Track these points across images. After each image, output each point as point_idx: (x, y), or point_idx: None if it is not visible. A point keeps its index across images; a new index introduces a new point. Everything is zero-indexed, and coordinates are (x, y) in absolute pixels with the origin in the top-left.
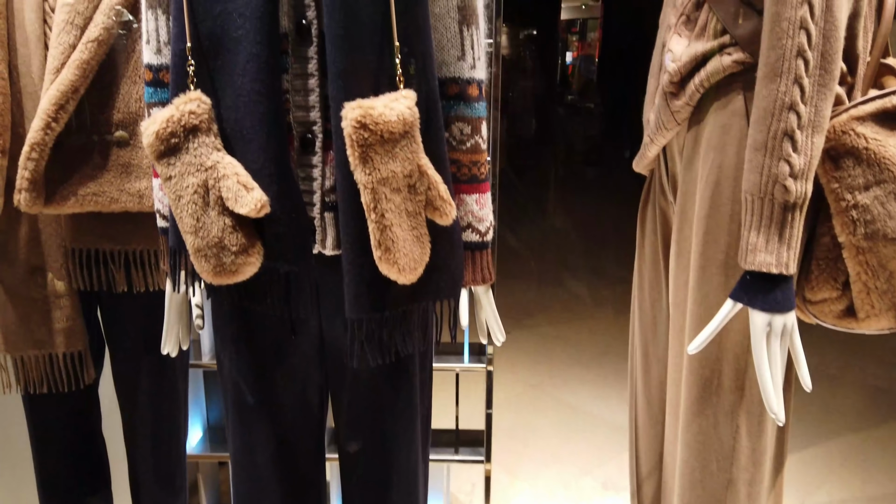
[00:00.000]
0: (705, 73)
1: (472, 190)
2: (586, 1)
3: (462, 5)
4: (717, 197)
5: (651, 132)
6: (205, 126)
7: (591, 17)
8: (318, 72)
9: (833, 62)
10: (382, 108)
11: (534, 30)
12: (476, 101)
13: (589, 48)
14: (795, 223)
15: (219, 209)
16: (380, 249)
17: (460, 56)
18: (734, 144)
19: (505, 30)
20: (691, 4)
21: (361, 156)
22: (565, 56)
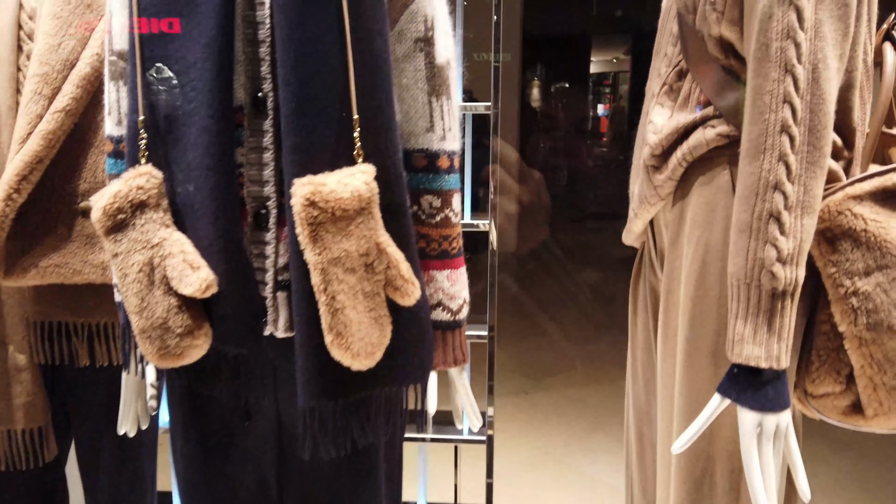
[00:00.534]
0: (688, 146)
1: (443, 266)
2: (617, 55)
3: (431, 75)
4: (703, 278)
5: (635, 206)
6: (153, 201)
7: (621, 70)
8: (273, 145)
9: (823, 138)
10: (335, 185)
11: (565, 83)
12: (447, 173)
13: (620, 100)
14: (786, 312)
15: (164, 289)
16: (331, 333)
17: (429, 127)
18: (721, 222)
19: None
20: (674, 74)
21: (311, 234)
22: (596, 108)
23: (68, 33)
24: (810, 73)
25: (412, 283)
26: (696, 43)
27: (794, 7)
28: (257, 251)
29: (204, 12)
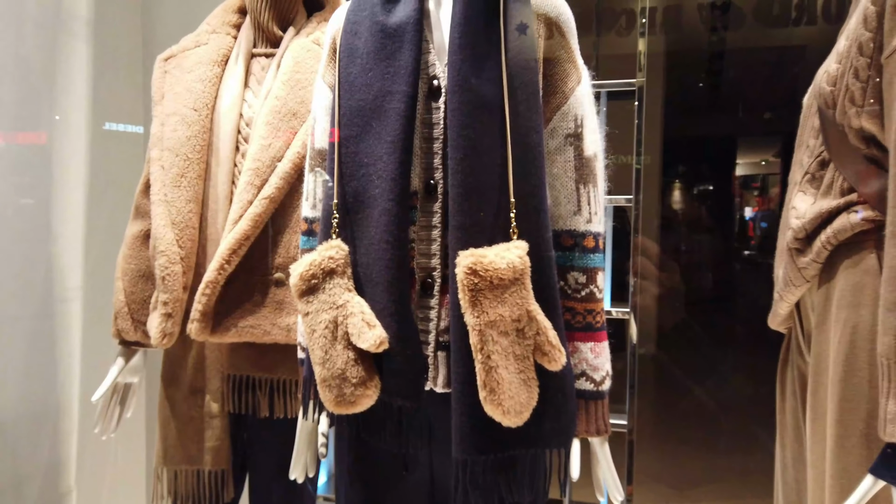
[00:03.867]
0: (832, 230)
1: (587, 338)
2: (766, 157)
3: (579, 166)
4: (852, 360)
5: (780, 288)
6: (340, 269)
7: (770, 172)
8: (440, 224)
9: None
10: (493, 257)
11: (709, 185)
12: (592, 252)
13: (769, 203)
14: None
15: (344, 343)
16: (485, 390)
17: (576, 211)
18: (869, 304)
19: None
20: (816, 163)
21: (471, 299)
22: (743, 211)
23: (277, 136)
24: None
25: (559, 349)
26: (837, 135)
27: None
28: (422, 315)
29: (391, 116)
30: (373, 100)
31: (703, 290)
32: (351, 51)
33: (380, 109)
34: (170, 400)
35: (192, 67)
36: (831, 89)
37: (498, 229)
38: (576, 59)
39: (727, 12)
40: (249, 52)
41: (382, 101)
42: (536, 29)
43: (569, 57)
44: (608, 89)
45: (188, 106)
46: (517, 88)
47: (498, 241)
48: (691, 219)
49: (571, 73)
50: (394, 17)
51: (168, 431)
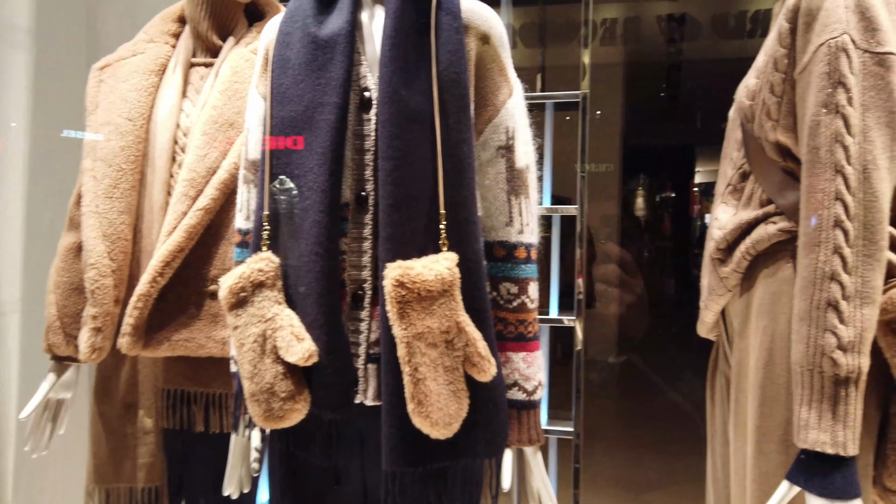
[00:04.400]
0: (751, 240)
1: (519, 348)
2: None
3: (511, 177)
4: (770, 367)
5: (705, 297)
6: (270, 282)
7: None
8: (371, 236)
9: (878, 232)
10: (421, 269)
11: (669, 192)
12: (524, 263)
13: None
14: (851, 400)
15: (273, 357)
16: (413, 402)
17: (508, 222)
18: (786, 313)
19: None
20: (738, 175)
21: (399, 311)
22: (703, 217)
23: (213, 146)
24: (860, 172)
25: (489, 360)
26: (756, 147)
27: (841, 115)
28: (353, 327)
29: (322, 127)
30: (304, 111)
31: (664, 295)
32: (283, 61)
33: (311, 121)
34: (102, 416)
35: (127, 77)
36: (750, 103)
37: (428, 241)
38: (507, 72)
39: (683, 24)
40: (188, 61)
41: (314, 113)
42: (467, 42)
43: (500, 70)
44: (553, 101)
45: (123, 115)
46: (447, 101)
47: (428, 252)
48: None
49: (502, 86)
50: (326, 28)
51: (100, 448)
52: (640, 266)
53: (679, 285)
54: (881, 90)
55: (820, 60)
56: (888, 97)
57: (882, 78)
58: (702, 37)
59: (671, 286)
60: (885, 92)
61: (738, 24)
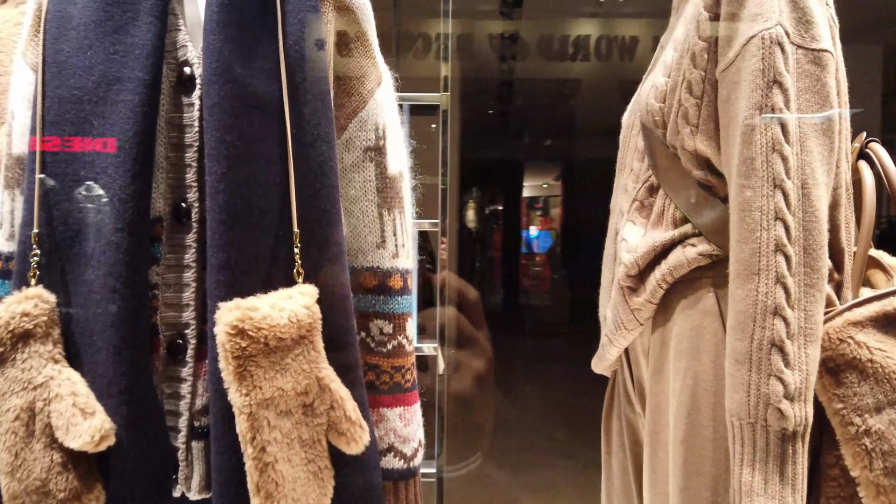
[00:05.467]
0: (667, 266)
1: (395, 402)
2: (547, 181)
3: (382, 187)
4: (694, 416)
5: (609, 331)
6: (41, 331)
7: (551, 195)
8: (196, 263)
9: (819, 258)
10: (268, 310)
11: (500, 206)
12: (399, 295)
13: (551, 223)
14: (798, 457)
15: (45, 441)
16: (259, 495)
17: (380, 243)
18: (709, 351)
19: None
20: (644, 189)
21: (238, 370)
22: (529, 230)
23: None
24: (800, 188)
25: (360, 426)
26: (667, 157)
27: (778, 120)
28: (170, 391)
29: (121, 112)
30: (94, 89)
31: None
32: (62, 20)
33: (104, 102)
34: None
35: None
36: (660, 105)
37: (276, 269)
38: (374, 56)
39: (516, 42)
40: None
41: (108, 92)
42: (324, 12)
43: (366, 51)
44: (410, 102)
45: None
46: (300, 84)
47: (276, 285)
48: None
49: (370, 72)
50: None
51: None
52: (473, 279)
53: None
54: (817, 93)
55: (752, 55)
56: (824, 101)
57: (818, 79)
58: (530, 58)
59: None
60: (821, 95)
61: (562, 47)
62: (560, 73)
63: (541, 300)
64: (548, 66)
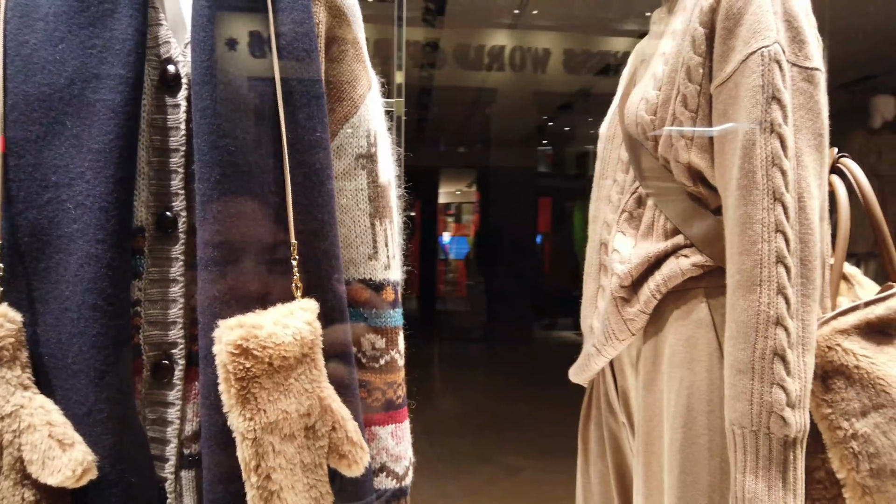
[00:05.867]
0: (661, 276)
1: (388, 420)
2: (461, 188)
3: (374, 196)
4: (690, 426)
5: (598, 342)
6: (7, 355)
7: (466, 201)
8: (183, 277)
9: (814, 269)
10: (272, 327)
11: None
12: (391, 308)
13: (464, 229)
14: (798, 463)
15: (15, 478)
16: None
17: (372, 254)
18: (703, 360)
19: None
20: (632, 200)
21: (241, 393)
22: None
23: None
24: (797, 202)
25: (361, 447)
26: (657, 170)
27: (777, 135)
28: (154, 416)
29: (100, 112)
30: (67, 86)
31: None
32: (26, 8)
33: (79, 101)
34: None
35: None
36: (651, 118)
37: (274, 283)
38: (365, 59)
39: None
40: None
41: (83, 90)
42: (316, 13)
43: (357, 55)
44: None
45: None
46: (295, 88)
47: (274, 300)
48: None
49: (361, 76)
50: None
51: None
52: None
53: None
54: (810, 110)
55: (752, 72)
56: (816, 118)
57: (811, 96)
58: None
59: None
60: (814, 112)
61: (477, 56)
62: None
63: (457, 306)
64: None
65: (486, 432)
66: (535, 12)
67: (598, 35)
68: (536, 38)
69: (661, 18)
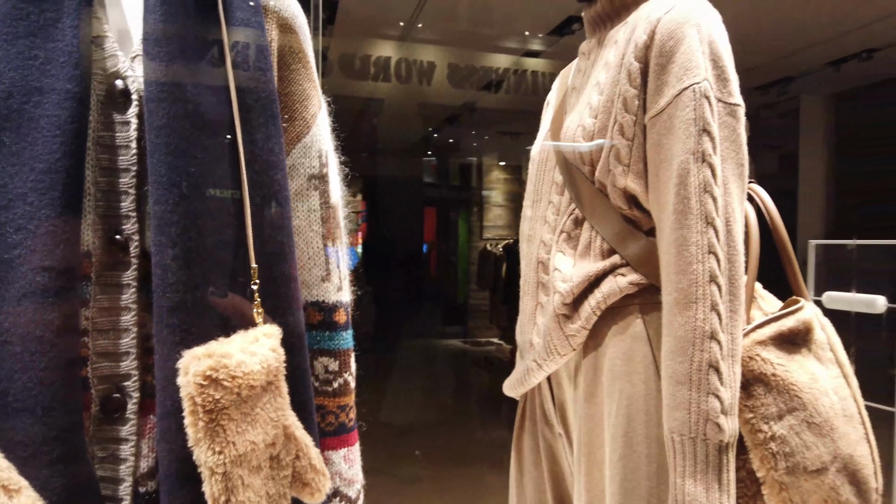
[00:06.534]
0: (601, 294)
1: (340, 444)
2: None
3: (326, 217)
4: (630, 435)
5: (539, 357)
6: None
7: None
8: (136, 305)
9: (740, 287)
10: (241, 355)
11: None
12: (344, 330)
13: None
14: (731, 465)
15: None
16: None
17: (325, 276)
18: (641, 373)
19: None
20: (570, 221)
21: (209, 426)
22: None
23: None
24: (725, 225)
25: (324, 474)
26: (592, 193)
27: (708, 164)
28: (104, 454)
29: (43, 129)
30: (4, 99)
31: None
32: None
33: (18, 116)
34: None
35: None
36: (589, 145)
37: (235, 309)
38: (315, 78)
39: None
40: None
41: (24, 104)
42: (269, 31)
43: (308, 74)
44: None
45: None
46: (251, 106)
47: (236, 327)
48: None
49: (312, 95)
50: None
51: None
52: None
53: None
54: (733, 142)
55: (685, 105)
56: (738, 149)
57: (734, 129)
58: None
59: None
60: (737, 144)
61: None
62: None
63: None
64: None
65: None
66: (420, 25)
67: (481, 51)
68: (422, 50)
69: (590, 49)
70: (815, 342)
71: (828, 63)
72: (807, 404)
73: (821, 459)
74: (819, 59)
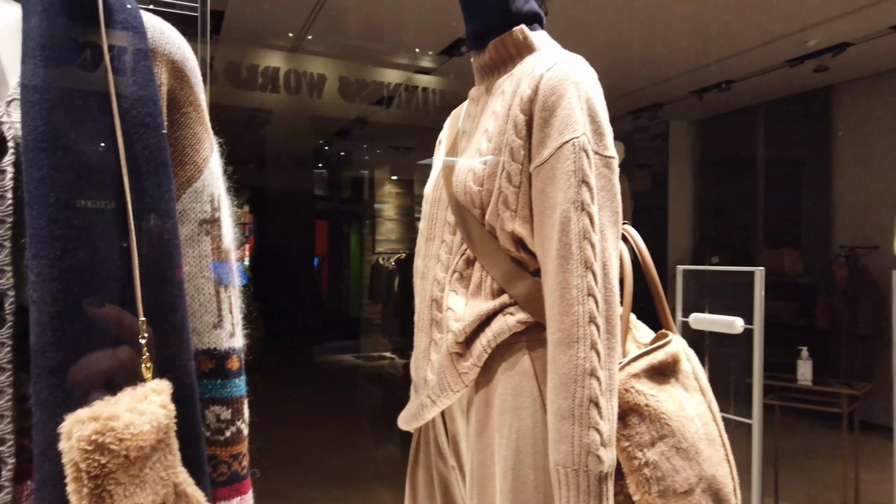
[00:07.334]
0: (492, 332)
1: (233, 493)
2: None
3: (218, 262)
4: (519, 467)
5: (433, 393)
6: None
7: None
8: (11, 365)
9: (616, 326)
10: (129, 416)
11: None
12: (237, 377)
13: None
14: (610, 493)
15: None
16: None
17: (217, 322)
18: (528, 407)
19: None
20: (462, 261)
21: (94, 492)
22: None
23: None
24: (602, 269)
25: None
26: (482, 235)
27: (587, 213)
28: None
29: None
30: None
31: None
32: None
33: None
34: None
35: None
36: (479, 189)
37: (122, 366)
38: (206, 121)
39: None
40: None
41: None
42: (158, 75)
43: (199, 117)
44: None
45: None
46: (140, 154)
47: (122, 384)
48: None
49: (204, 139)
50: None
51: None
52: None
53: None
54: (608, 191)
55: (566, 158)
56: (613, 198)
57: (609, 180)
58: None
59: None
60: (612, 193)
61: (250, 76)
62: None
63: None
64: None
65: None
66: (309, 37)
67: (373, 66)
68: (312, 62)
69: (479, 95)
70: (682, 372)
71: (692, 91)
72: (675, 431)
73: (688, 482)
74: (684, 88)
